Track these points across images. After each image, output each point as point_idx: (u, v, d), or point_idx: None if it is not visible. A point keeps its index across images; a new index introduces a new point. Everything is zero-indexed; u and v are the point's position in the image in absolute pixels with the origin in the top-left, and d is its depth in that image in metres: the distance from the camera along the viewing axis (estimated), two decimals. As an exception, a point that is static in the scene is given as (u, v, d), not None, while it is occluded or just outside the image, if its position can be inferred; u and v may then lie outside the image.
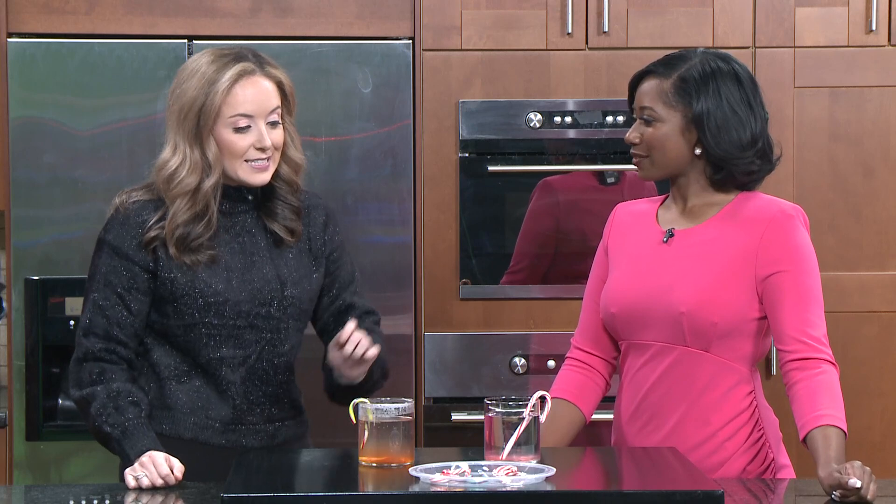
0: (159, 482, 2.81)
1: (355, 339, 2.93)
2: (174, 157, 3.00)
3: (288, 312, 3.05)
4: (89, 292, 3.03)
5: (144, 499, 2.74)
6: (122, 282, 3.00)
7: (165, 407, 3.02)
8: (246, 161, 3.00)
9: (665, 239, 3.04)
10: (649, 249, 3.05)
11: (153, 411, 3.01)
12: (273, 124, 3.02)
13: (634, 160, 3.06)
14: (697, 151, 3.00)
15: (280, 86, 3.04)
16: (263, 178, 3.02)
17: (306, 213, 3.11)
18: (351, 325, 2.94)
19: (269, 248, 3.07)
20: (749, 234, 2.97)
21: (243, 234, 3.06)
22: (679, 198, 3.06)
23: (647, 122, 3.01)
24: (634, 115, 3.06)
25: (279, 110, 3.03)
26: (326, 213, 3.16)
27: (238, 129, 2.98)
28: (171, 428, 3.01)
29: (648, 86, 3.03)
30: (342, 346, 2.93)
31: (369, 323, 3.13)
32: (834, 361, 2.90)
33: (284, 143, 3.06)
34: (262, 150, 3.00)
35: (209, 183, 2.99)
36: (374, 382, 3.09)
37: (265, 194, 3.08)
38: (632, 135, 3.04)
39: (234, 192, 3.06)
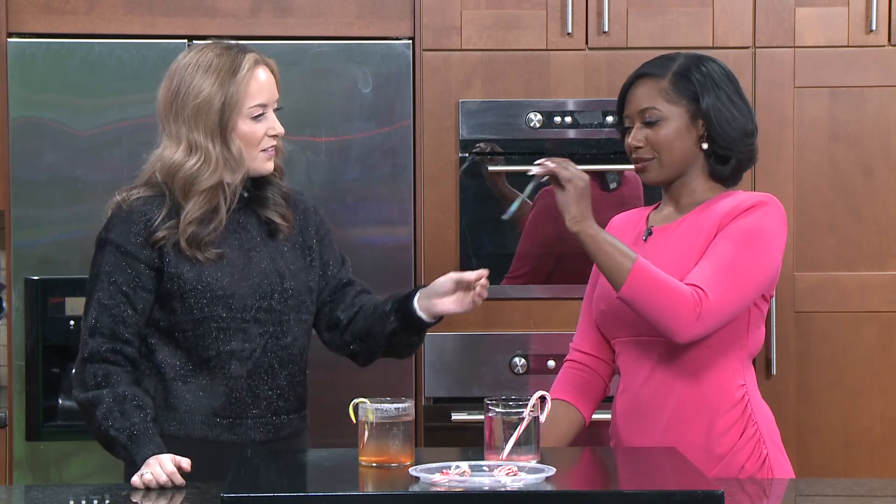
0: (163, 479, 2.81)
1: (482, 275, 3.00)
2: (192, 157, 3.00)
3: (289, 304, 3.07)
4: (93, 292, 3.02)
5: (145, 499, 2.74)
6: (127, 280, 3.00)
7: (171, 408, 3.02)
8: (262, 150, 3.04)
9: (644, 237, 3.06)
10: (633, 248, 3.05)
11: (159, 413, 3.00)
12: (275, 111, 3.08)
13: (638, 165, 3.02)
14: (705, 146, 3.01)
15: (273, 74, 3.09)
16: (271, 165, 3.08)
17: (294, 207, 3.14)
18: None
19: (265, 243, 3.09)
20: (719, 221, 2.97)
21: (239, 230, 3.07)
22: (672, 199, 3.07)
23: (650, 124, 3.00)
24: (628, 124, 3.04)
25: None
26: (312, 207, 3.21)
27: (255, 119, 3.03)
28: (180, 429, 3.01)
29: (644, 88, 3.02)
30: (463, 281, 2.99)
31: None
32: (701, 287, 2.86)
33: None
34: (275, 136, 3.05)
35: (236, 178, 3.03)
36: (420, 338, 3.14)
37: (256, 185, 3.10)
38: (634, 140, 3.02)
39: None
